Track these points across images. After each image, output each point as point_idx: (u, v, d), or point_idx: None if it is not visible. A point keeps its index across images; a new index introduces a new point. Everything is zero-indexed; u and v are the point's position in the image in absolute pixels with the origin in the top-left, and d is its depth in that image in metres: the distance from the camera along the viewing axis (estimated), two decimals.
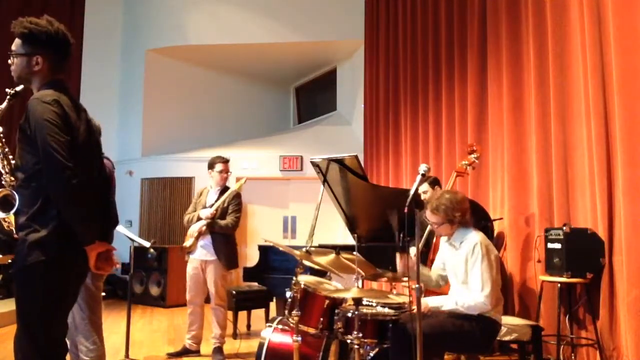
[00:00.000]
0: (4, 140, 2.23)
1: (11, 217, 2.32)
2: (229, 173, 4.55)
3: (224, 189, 4.51)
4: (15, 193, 2.11)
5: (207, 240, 4.36)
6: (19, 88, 2.21)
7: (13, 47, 2.20)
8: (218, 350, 4.33)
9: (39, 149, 2.03)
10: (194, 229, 4.36)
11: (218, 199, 4.43)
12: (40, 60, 2.17)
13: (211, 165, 4.53)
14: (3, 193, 2.19)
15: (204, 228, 4.33)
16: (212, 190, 4.55)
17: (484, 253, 2.77)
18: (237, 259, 4.49)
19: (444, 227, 2.92)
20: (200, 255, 4.39)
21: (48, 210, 2.05)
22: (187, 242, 4.39)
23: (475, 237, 2.84)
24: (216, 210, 4.36)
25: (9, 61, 2.21)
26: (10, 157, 2.20)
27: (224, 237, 4.37)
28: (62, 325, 2.16)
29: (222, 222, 4.34)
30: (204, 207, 4.45)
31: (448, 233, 2.95)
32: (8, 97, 2.33)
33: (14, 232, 2.19)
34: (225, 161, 4.53)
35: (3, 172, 2.22)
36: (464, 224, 2.91)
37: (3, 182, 2.17)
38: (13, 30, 2.17)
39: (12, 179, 2.18)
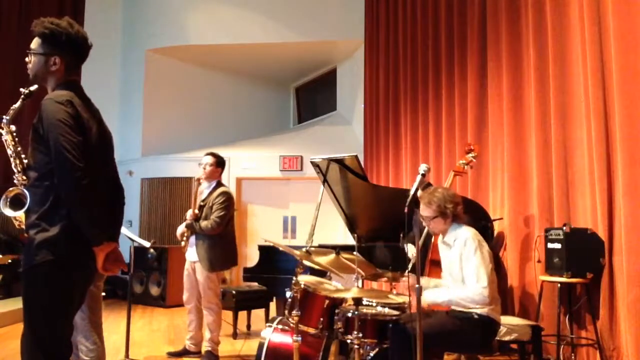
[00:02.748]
0: (16, 139, 2.24)
1: (22, 216, 2.32)
2: (206, 168, 4.36)
3: (216, 187, 4.39)
4: (26, 192, 2.12)
5: (193, 240, 4.31)
6: (33, 88, 2.22)
7: (32, 46, 2.20)
8: (208, 354, 4.26)
9: (51, 148, 2.03)
10: (178, 231, 4.32)
11: (206, 198, 4.36)
12: (58, 60, 2.18)
13: None
14: (14, 192, 2.20)
15: (186, 230, 4.27)
16: (206, 188, 4.48)
17: (477, 246, 2.76)
18: (221, 261, 4.27)
19: (436, 222, 2.90)
20: (190, 256, 4.35)
21: (58, 210, 2.06)
22: (182, 243, 4.36)
23: (466, 232, 2.84)
24: (199, 210, 4.29)
25: (27, 59, 2.22)
26: (23, 156, 2.21)
27: (207, 238, 4.22)
28: (68, 325, 2.16)
29: (203, 224, 4.21)
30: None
31: (441, 229, 2.94)
32: (22, 96, 2.33)
33: (25, 230, 2.20)
34: (208, 154, 4.42)
35: (15, 170, 2.23)
36: (456, 220, 2.91)
37: (15, 181, 2.18)
38: (33, 29, 2.18)
39: (24, 177, 2.19)
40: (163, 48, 9.26)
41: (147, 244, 4.41)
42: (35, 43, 2.20)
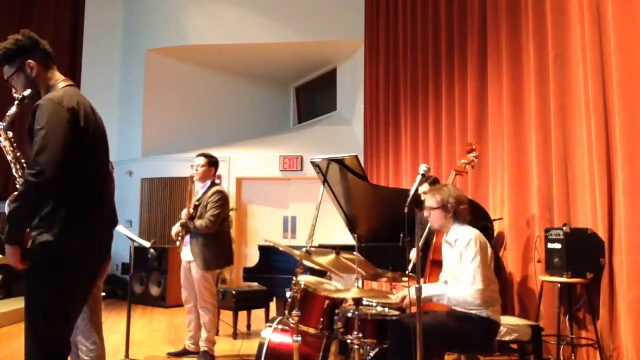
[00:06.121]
0: (14, 144, 2.25)
1: None
2: (198, 169, 4.37)
3: (210, 186, 4.40)
4: None
5: (188, 240, 4.30)
6: (26, 92, 2.24)
7: (6, 74, 2.24)
8: (204, 354, 4.26)
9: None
10: (173, 231, 4.32)
11: (200, 197, 4.36)
12: (32, 64, 2.22)
13: None
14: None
15: (181, 229, 4.26)
16: (200, 188, 4.48)
17: (479, 249, 2.75)
18: (215, 260, 4.26)
19: (437, 213, 2.92)
20: (185, 255, 4.35)
21: (58, 211, 2.08)
22: (177, 243, 4.36)
23: (470, 233, 2.84)
24: (194, 209, 4.28)
25: (13, 90, 2.25)
26: (22, 161, 2.23)
27: (202, 237, 4.22)
28: (68, 325, 2.17)
29: (197, 223, 4.20)
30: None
31: (441, 223, 2.95)
32: (17, 102, 2.35)
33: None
34: (200, 155, 4.44)
35: (16, 175, 2.24)
36: (458, 219, 2.91)
37: (17, 186, 2.18)
38: None
39: None
40: (163, 48, 9.26)
41: (147, 244, 4.41)
42: (5, 71, 2.24)
